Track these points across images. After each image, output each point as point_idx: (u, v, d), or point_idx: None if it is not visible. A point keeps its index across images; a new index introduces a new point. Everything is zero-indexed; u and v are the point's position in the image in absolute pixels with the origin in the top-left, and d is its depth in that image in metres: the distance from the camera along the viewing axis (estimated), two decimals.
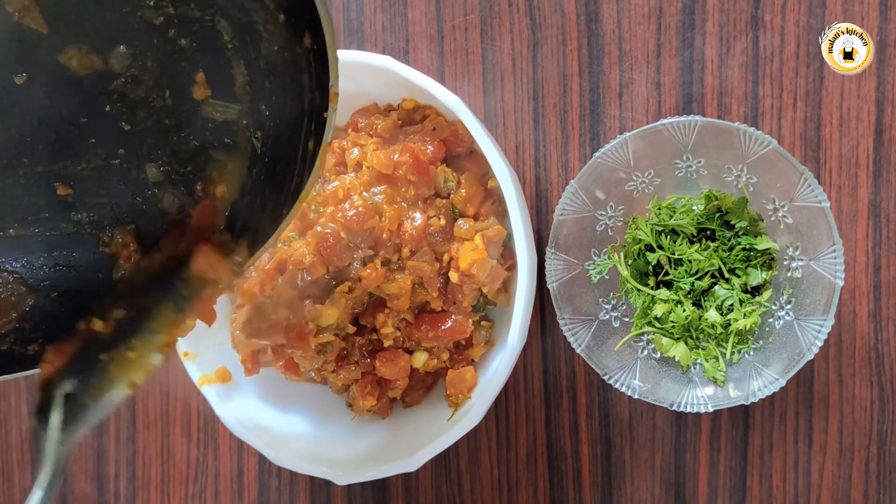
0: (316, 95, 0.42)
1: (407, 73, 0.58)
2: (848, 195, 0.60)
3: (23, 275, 0.48)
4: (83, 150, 0.47)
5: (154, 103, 0.47)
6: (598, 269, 0.60)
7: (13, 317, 0.47)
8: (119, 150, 0.47)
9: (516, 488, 0.67)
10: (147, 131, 0.47)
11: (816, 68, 0.59)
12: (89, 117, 0.46)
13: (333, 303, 0.58)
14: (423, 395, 0.66)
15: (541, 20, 0.64)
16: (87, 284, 0.49)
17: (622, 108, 0.63)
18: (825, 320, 0.54)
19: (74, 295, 0.49)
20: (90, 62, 0.44)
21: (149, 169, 0.48)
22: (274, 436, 0.64)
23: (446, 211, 0.59)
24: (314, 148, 0.42)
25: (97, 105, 0.46)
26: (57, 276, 0.49)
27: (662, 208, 0.60)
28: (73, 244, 0.49)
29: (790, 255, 0.57)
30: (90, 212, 0.49)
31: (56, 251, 0.49)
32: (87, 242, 0.49)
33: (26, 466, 0.80)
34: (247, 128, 0.47)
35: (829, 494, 0.62)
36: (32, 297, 0.48)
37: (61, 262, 0.49)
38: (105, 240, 0.49)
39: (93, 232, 0.49)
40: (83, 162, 0.47)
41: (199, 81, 0.46)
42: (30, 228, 0.48)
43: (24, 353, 0.46)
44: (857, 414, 0.61)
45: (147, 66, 0.45)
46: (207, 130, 0.48)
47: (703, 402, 0.57)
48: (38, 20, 0.42)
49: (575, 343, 0.58)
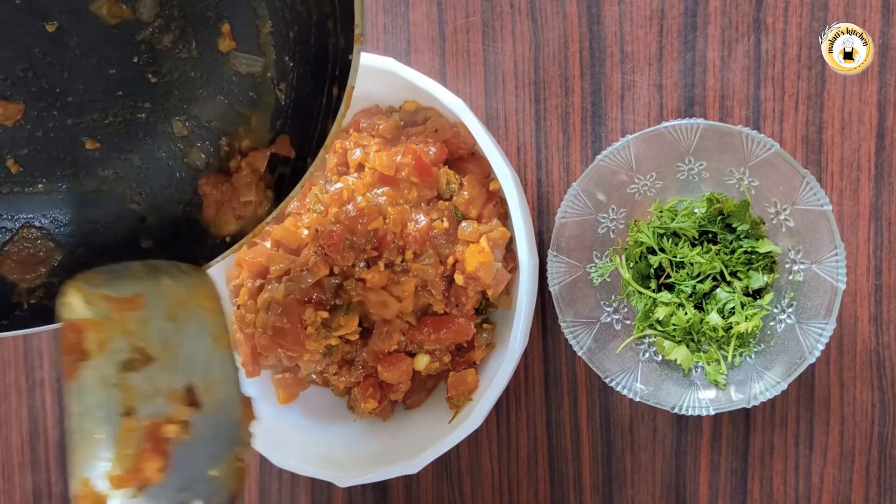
0: (340, 39, 0.42)
1: (409, 75, 0.58)
2: (849, 198, 0.60)
3: (50, 230, 0.49)
4: (111, 103, 0.47)
5: (180, 55, 0.47)
6: (599, 271, 0.60)
7: (42, 272, 0.48)
8: (146, 104, 0.48)
9: (517, 490, 0.67)
10: (173, 84, 0.48)
11: (818, 71, 0.59)
12: (117, 68, 0.46)
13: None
14: (424, 397, 0.66)
15: (542, 22, 0.64)
16: (113, 241, 0.50)
17: (624, 111, 0.63)
18: (827, 324, 0.54)
19: (101, 251, 0.49)
20: (119, 11, 0.45)
21: (175, 123, 0.49)
22: (275, 437, 0.64)
23: (449, 213, 0.59)
24: (338, 93, 0.42)
25: (125, 56, 0.46)
26: (84, 232, 0.49)
27: (664, 211, 0.60)
28: (100, 200, 0.49)
29: (792, 258, 0.57)
30: (117, 167, 0.49)
31: (83, 207, 0.49)
32: (113, 198, 0.50)
33: (27, 467, 0.80)
34: (271, 80, 0.47)
35: (830, 498, 0.62)
36: (60, 253, 0.49)
37: (88, 218, 0.49)
38: (131, 196, 0.50)
39: (119, 188, 0.49)
40: (110, 115, 0.47)
41: (224, 33, 0.47)
42: (57, 184, 0.48)
43: (53, 306, 0.47)
44: (858, 417, 0.61)
45: (174, 16, 0.46)
46: (232, 84, 0.48)
47: (704, 405, 0.57)
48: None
49: (576, 346, 0.58)
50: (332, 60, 0.43)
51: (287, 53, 0.46)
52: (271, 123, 0.48)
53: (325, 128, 0.44)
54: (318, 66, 0.44)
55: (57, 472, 0.79)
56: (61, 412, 0.79)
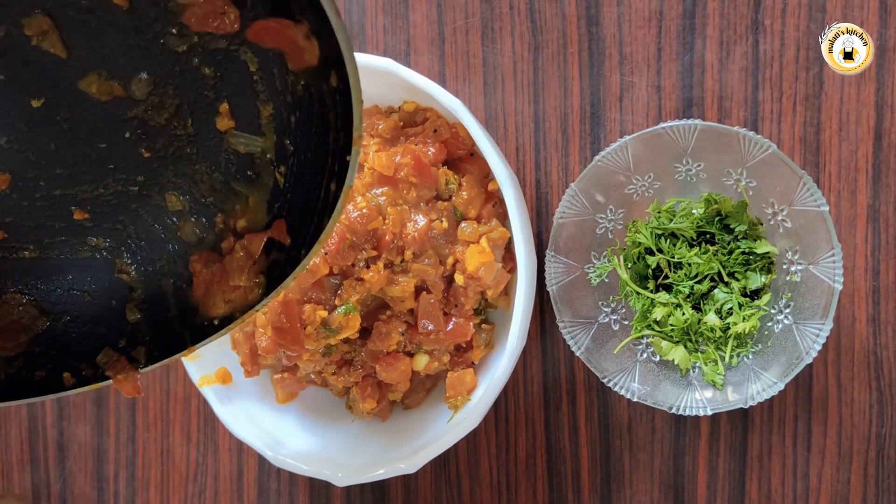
0: (341, 136, 0.41)
1: (408, 76, 0.58)
2: (847, 199, 0.60)
3: (36, 297, 0.47)
4: (101, 175, 0.46)
5: (175, 131, 0.45)
6: (597, 272, 0.60)
7: (23, 340, 0.46)
8: (138, 177, 0.46)
9: (515, 491, 0.68)
10: (168, 159, 0.46)
11: (816, 73, 0.60)
12: (108, 143, 0.45)
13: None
14: (423, 397, 0.66)
15: (542, 23, 0.64)
16: (100, 312, 0.48)
17: (622, 112, 0.63)
18: (824, 324, 0.55)
19: (87, 321, 0.48)
20: (110, 88, 0.43)
21: (169, 197, 0.47)
22: (273, 437, 0.64)
23: (448, 213, 0.60)
24: (336, 190, 0.41)
25: (116, 131, 0.45)
26: (70, 300, 0.48)
27: (662, 212, 0.60)
28: (88, 269, 0.48)
29: (789, 258, 0.57)
30: (107, 237, 0.48)
31: (70, 275, 0.48)
32: (102, 268, 0.48)
33: (26, 466, 0.80)
34: (270, 161, 0.46)
35: (828, 498, 0.62)
36: (44, 321, 0.47)
37: (75, 286, 0.48)
38: (121, 267, 0.48)
39: (109, 258, 0.48)
40: (101, 187, 0.46)
41: (222, 112, 0.45)
42: (45, 251, 0.47)
43: (31, 378, 0.45)
44: (856, 418, 0.61)
45: (169, 94, 0.44)
46: (230, 162, 0.46)
47: (702, 405, 0.57)
48: (57, 45, 0.41)
49: (574, 346, 0.59)
50: (332, 154, 0.42)
51: (288, 137, 0.44)
52: (269, 205, 0.46)
53: (321, 222, 0.43)
54: (318, 156, 0.43)
55: (56, 471, 0.79)
56: (60, 411, 0.79)
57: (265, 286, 0.46)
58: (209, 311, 0.47)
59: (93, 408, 0.78)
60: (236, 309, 0.47)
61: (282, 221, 0.46)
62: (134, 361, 0.47)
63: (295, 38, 0.40)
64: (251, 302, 0.46)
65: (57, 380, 0.46)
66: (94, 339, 0.48)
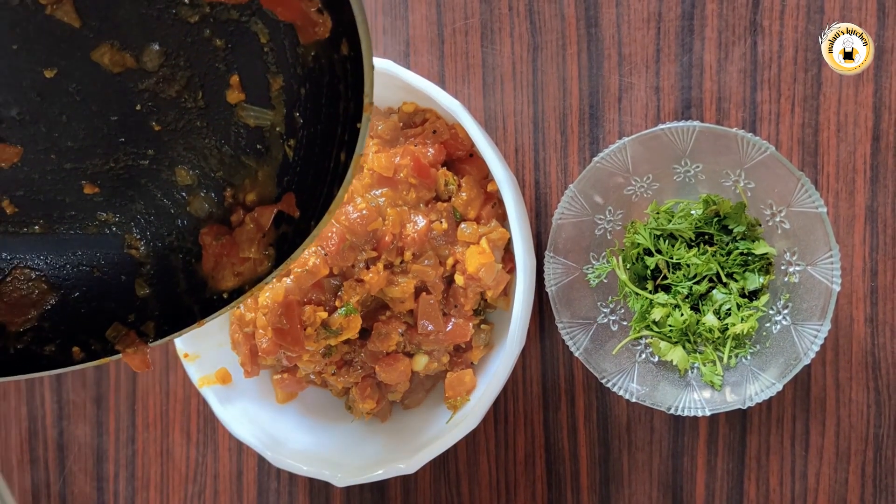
0: (351, 105, 0.41)
1: (407, 77, 0.58)
2: (845, 200, 0.60)
3: (45, 272, 0.47)
4: (112, 149, 0.46)
5: (186, 104, 0.46)
6: (596, 272, 0.60)
7: (33, 315, 0.47)
8: (149, 151, 0.47)
9: (514, 491, 0.68)
10: (178, 132, 0.46)
11: (814, 74, 0.60)
12: (119, 115, 0.45)
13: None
14: (422, 397, 0.66)
15: (541, 24, 0.64)
16: (109, 287, 0.48)
17: (621, 113, 0.63)
18: (822, 325, 0.55)
19: (96, 296, 0.48)
20: (122, 60, 0.43)
21: (178, 171, 0.47)
22: (273, 437, 0.64)
23: (448, 214, 0.60)
24: (346, 160, 0.41)
25: (128, 103, 0.45)
26: (79, 276, 0.48)
27: (661, 213, 0.60)
28: (97, 244, 0.48)
29: (787, 259, 0.57)
30: (117, 212, 0.48)
31: (80, 250, 0.48)
32: (111, 244, 0.48)
33: (26, 466, 0.80)
34: (280, 135, 0.46)
35: (826, 498, 0.62)
36: (54, 296, 0.47)
37: (84, 262, 0.48)
38: (130, 242, 0.49)
39: (118, 233, 0.48)
40: (111, 161, 0.46)
41: (233, 84, 0.45)
42: (54, 226, 0.47)
43: (40, 353, 0.46)
44: (854, 418, 0.61)
45: (180, 66, 0.44)
46: (240, 135, 0.47)
47: (700, 405, 0.57)
48: (70, 14, 0.41)
49: (573, 346, 0.59)
50: (342, 124, 0.42)
51: (298, 110, 0.45)
52: (279, 179, 0.47)
53: (331, 192, 0.43)
54: (328, 127, 0.43)
55: (56, 470, 0.79)
56: (60, 411, 0.79)
57: (275, 258, 0.46)
58: (218, 284, 0.48)
59: (93, 407, 0.78)
60: (245, 281, 0.47)
61: (291, 195, 0.46)
62: (143, 336, 0.47)
63: (307, 11, 0.40)
64: (261, 274, 0.46)
65: (66, 354, 0.47)
66: (103, 313, 0.48)
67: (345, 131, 0.41)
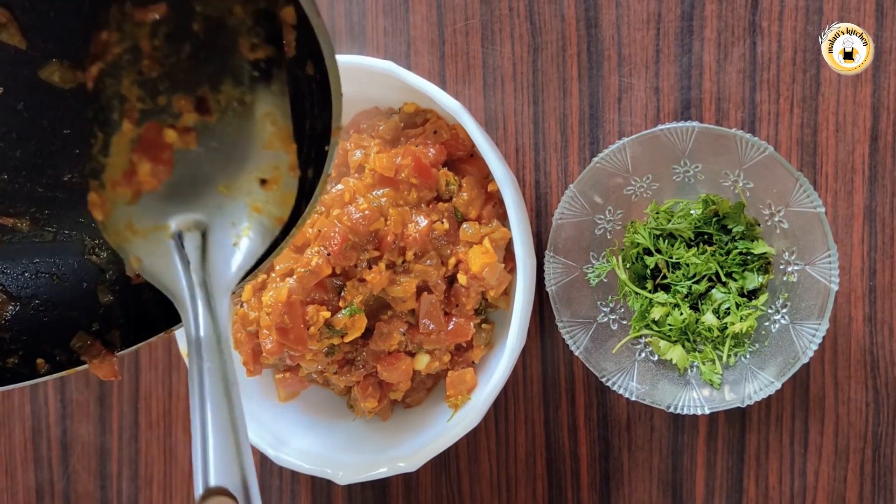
0: (318, 123, 0.40)
1: (408, 78, 0.58)
2: (844, 200, 0.60)
3: (2, 281, 0.46)
4: (67, 161, 0.44)
5: (145, 108, 0.44)
6: (596, 272, 0.61)
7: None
8: (106, 160, 0.45)
9: (515, 488, 0.68)
10: (136, 137, 0.44)
11: (813, 74, 0.60)
12: (72, 128, 0.43)
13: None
14: (423, 396, 0.67)
15: (541, 25, 0.65)
16: (71, 295, 0.47)
17: (621, 113, 0.64)
18: (820, 324, 0.55)
19: (58, 305, 0.47)
20: (73, 76, 0.42)
21: None
22: (275, 436, 0.64)
23: (449, 214, 0.60)
24: (313, 177, 0.41)
25: (80, 116, 0.43)
26: (38, 284, 0.46)
27: (660, 212, 0.60)
28: (56, 251, 0.47)
29: (786, 259, 0.58)
30: (75, 218, 0.46)
31: (38, 258, 0.46)
32: (71, 250, 0.47)
33: (30, 465, 0.81)
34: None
35: (825, 495, 0.62)
36: (13, 306, 0.46)
37: (43, 269, 0.47)
38: (90, 248, 0.47)
39: (77, 238, 0.47)
40: (67, 172, 0.45)
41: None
42: (6, 235, 0.45)
43: (3, 366, 0.45)
44: (853, 416, 0.61)
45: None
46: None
47: (699, 404, 0.57)
48: (15, 36, 0.40)
49: (573, 345, 0.59)
50: (308, 141, 0.41)
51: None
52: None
53: (298, 207, 0.42)
54: (296, 138, 0.42)
55: (59, 469, 0.80)
56: (63, 410, 0.79)
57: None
58: None
59: (96, 406, 0.78)
60: None
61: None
62: (109, 346, 0.46)
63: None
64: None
65: (30, 367, 0.45)
66: (66, 322, 0.46)
67: (311, 149, 0.41)
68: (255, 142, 0.42)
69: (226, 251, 0.41)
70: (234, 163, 0.41)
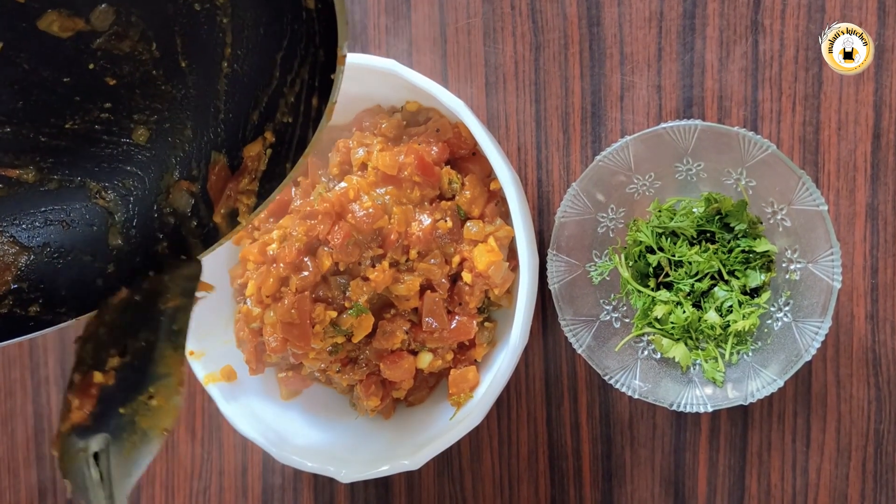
0: (321, 54, 0.40)
1: (410, 77, 0.58)
2: (846, 198, 0.60)
3: (12, 233, 0.47)
4: (68, 110, 0.45)
5: (140, 56, 0.44)
6: (599, 270, 0.61)
7: (9, 278, 0.46)
8: (106, 104, 0.46)
9: (517, 486, 0.68)
10: (134, 84, 0.45)
11: (815, 73, 0.60)
12: (72, 77, 0.44)
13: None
14: (426, 394, 0.67)
15: (543, 23, 0.65)
16: (82, 238, 0.48)
17: (623, 112, 0.64)
18: (823, 322, 0.55)
19: (70, 250, 0.47)
20: (72, 24, 0.42)
21: (137, 127, 0.47)
22: (278, 434, 0.65)
23: (452, 213, 0.60)
24: (318, 105, 0.41)
25: (80, 64, 0.44)
26: (49, 231, 0.47)
27: (663, 211, 0.60)
28: (63, 198, 0.47)
29: (788, 257, 0.58)
30: (80, 163, 0.47)
31: (45, 206, 0.47)
32: (77, 195, 0.48)
33: (32, 464, 0.81)
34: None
35: (827, 493, 0.62)
36: (27, 256, 0.47)
37: (52, 216, 0.47)
38: (96, 192, 0.48)
39: (81, 183, 0.47)
40: (70, 121, 0.45)
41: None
42: (13, 187, 0.46)
43: (25, 315, 0.45)
44: (855, 414, 0.61)
45: (132, 22, 0.43)
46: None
47: (702, 402, 0.57)
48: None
49: (576, 343, 0.59)
50: (310, 68, 0.42)
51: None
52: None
53: (304, 135, 0.43)
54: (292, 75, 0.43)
55: None
56: None
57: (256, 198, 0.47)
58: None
59: None
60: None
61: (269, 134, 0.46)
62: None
63: None
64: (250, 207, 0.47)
65: (53, 313, 0.46)
66: (80, 266, 0.47)
67: (314, 79, 0.41)
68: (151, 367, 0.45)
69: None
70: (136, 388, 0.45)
